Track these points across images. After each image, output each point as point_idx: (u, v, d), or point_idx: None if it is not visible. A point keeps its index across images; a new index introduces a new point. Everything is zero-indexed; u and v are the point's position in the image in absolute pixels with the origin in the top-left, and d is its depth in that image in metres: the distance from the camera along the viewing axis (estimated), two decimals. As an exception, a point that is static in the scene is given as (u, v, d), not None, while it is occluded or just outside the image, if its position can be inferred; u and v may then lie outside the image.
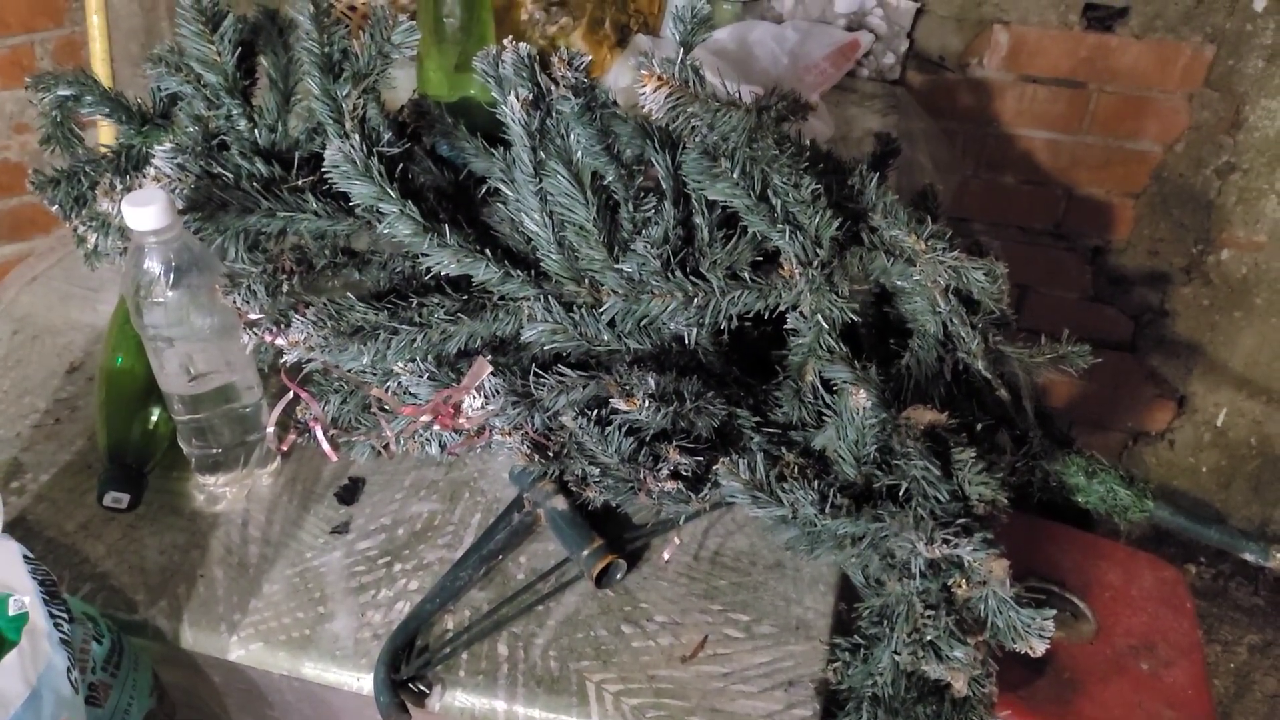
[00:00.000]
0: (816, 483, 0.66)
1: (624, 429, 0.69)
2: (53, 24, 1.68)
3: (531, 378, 0.71)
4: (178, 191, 0.74)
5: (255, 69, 0.90)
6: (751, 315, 0.78)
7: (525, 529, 0.79)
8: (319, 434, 0.82)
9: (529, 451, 0.70)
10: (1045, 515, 1.19)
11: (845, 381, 0.72)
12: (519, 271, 0.80)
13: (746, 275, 0.78)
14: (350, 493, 0.84)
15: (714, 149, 0.72)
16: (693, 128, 0.65)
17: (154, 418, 0.81)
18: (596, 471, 0.72)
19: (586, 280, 0.81)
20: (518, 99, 0.73)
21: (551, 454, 0.72)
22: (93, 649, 0.69)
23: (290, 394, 0.80)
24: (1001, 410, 0.87)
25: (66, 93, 0.87)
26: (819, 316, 0.78)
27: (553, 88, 0.71)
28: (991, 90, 1.59)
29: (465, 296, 0.81)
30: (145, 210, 0.70)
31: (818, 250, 0.77)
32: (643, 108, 0.63)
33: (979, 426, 0.85)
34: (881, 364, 0.85)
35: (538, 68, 0.72)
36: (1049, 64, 1.56)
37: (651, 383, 0.67)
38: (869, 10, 1.52)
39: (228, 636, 0.74)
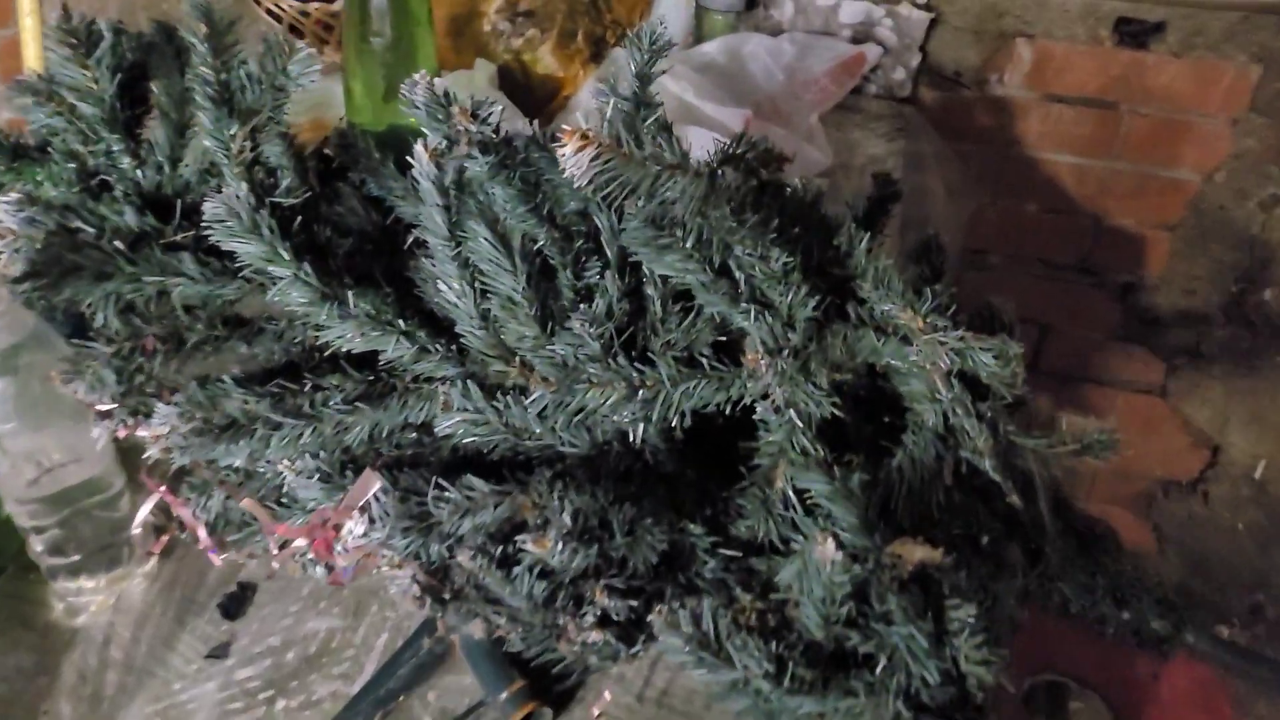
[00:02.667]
0: (775, 642, 0.53)
1: (535, 570, 0.56)
2: (-3, 25, 1.56)
3: (432, 493, 0.58)
4: (20, 253, 0.62)
5: (147, 95, 0.77)
6: (709, 408, 0.65)
7: (436, 660, 0.66)
8: (200, 535, 0.69)
9: (418, 594, 0.57)
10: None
11: (817, 508, 0.59)
12: (437, 346, 0.67)
13: (705, 361, 0.64)
14: (236, 603, 0.71)
15: (659, 217, 0.59)
16: (628, 196, 0.52)
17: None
18: (502, 620, 0.59)
19: (517, 359, 0.67)
20: (425, 149, 0.60)
21: (447, 596, 0.58)
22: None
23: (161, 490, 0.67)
24: (1012, 515, 0.74)
25: (-78, 123, 0.74)
26: (791, 412, 0.65)
27: (459, 144, 0.57)
28: (1012, 109, 1.45)
29: (372, 377, 0.68)
30: (-43, 282, 0.57)
31: (790, 334, 0.64)
32: (562, 171, 0.50)
33: (984, 540, 0.71)
34: (871, 454, 0.71)
35: (454, 110, 0.59)
36: (1076, 82, 1.41)
37: (567, 519, 0.54)
38: (877, 21, 1.38)
39: (67, 794, 0.62)
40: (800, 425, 0.65)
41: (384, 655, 0.68)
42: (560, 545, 0.53)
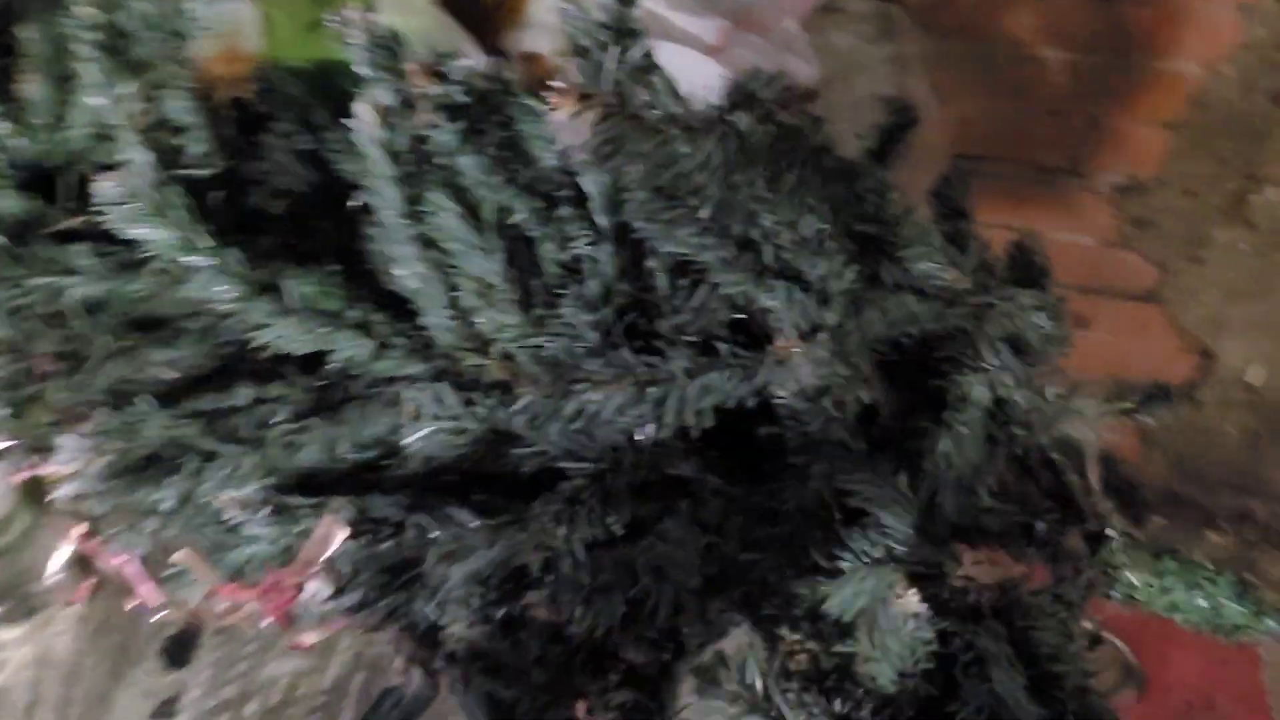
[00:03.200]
0: (839, 698, 0.44)
1: (546, 635, 0.46)
2: None
3: (409, 535, 0.47)
4: None
5: (13, 46, 0.62)
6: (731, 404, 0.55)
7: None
8: (134, 576, 0.58)
9: (402, 669, 0.47)
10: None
11: (863, 516, 0.50)
12: (399, 339, 0.56)
13: (724, 346, 0.54)
14: (181, 648, 0.61)
15: (671, 186, 0.47)
16: (639, 168, 0.41)
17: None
18: (508, 690, 0.49)
19: (496, 350, 0.57)
20: (371, 107, 0.47)
21: (439, 664, 0.48)
22: None
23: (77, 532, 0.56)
24: (1065, 495, 0.65)
25: None
26: (825, 401, 0.55)
27: (417, 109, 0.45)
28: (1004, 3, 1.33)
29: (323, 381, 0.57)
30: None
31: (825, 311, 0.53)
32: (556, 145, 0.38)
33: (1040, 528, 0.63)
34: (907, 437, 0.63)
35: (410, 67, 0.46)
36: (1073, -31, 1.30)
37: (584, 575, 0.44)
38: (858, -93, 1.24)
39: None
40: (836, 415, 0.55)
41: (361, 700, 0.59)
42: (578, 610, 0.43)
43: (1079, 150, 1.44)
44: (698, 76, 0.85)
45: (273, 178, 0.69)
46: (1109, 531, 0.64)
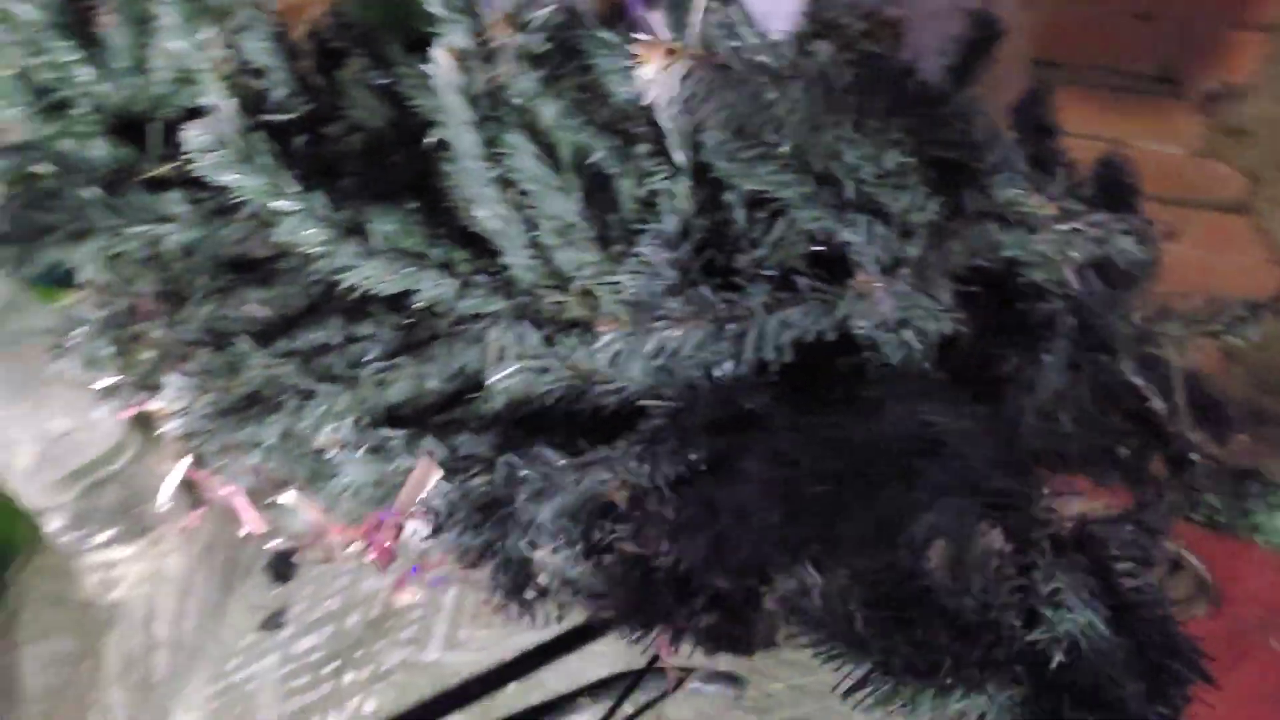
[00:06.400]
0: (919, 627, 0.45)
1: (630, 560, 0.48)
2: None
3: (500, 474, 0.49)
4: (-23, 212, 0.51)
5: (93, -13, 0.63)
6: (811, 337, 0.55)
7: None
8: (240, 506, 0.62)
9: (500, 600, 0.49)
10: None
11: (942, 446, 0.50)
12: (481, 277, 0.57)
13: (802, 280, 0.54)
14: (286, 564, 0.65)
15: (752, 126, 0.47)
16: (726, 114, 0.40)
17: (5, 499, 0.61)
18: (599, 614, 0.51)
19: (576, 287, 0.57)
20: (447, 52, 0.48)
21: (531, 595, 0.51)
22: None
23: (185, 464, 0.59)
24: (1149, 419, 0.65)
25: None
26: (908, 332, 0.55)
27: (497, 62, 0.45)
28: (1091, -100, 1.26)
29: (410, 320, 0.58)
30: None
31: (907, 245, 0.53)
32: (643, 99, 0.38)
33: (1122, 453, 0.63)
34: (987, 364, 0.63)
35: (491, 18, 0.46)
36: None
37: (669, 511, 0.45)
38: None
39: (133, 798, 0.57)
40: (918, 347, 0.55)
41: (453, 615, 0.62)
42: (665, 544, 0.44)
43: (1168, 56, 1.37)
44: (777, 3, 0.84)
45: (349, 114, 0.70)
46: (1192, 455, 0.63)
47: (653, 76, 0.37)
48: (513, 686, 0.48)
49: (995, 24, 0.73)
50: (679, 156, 0.53)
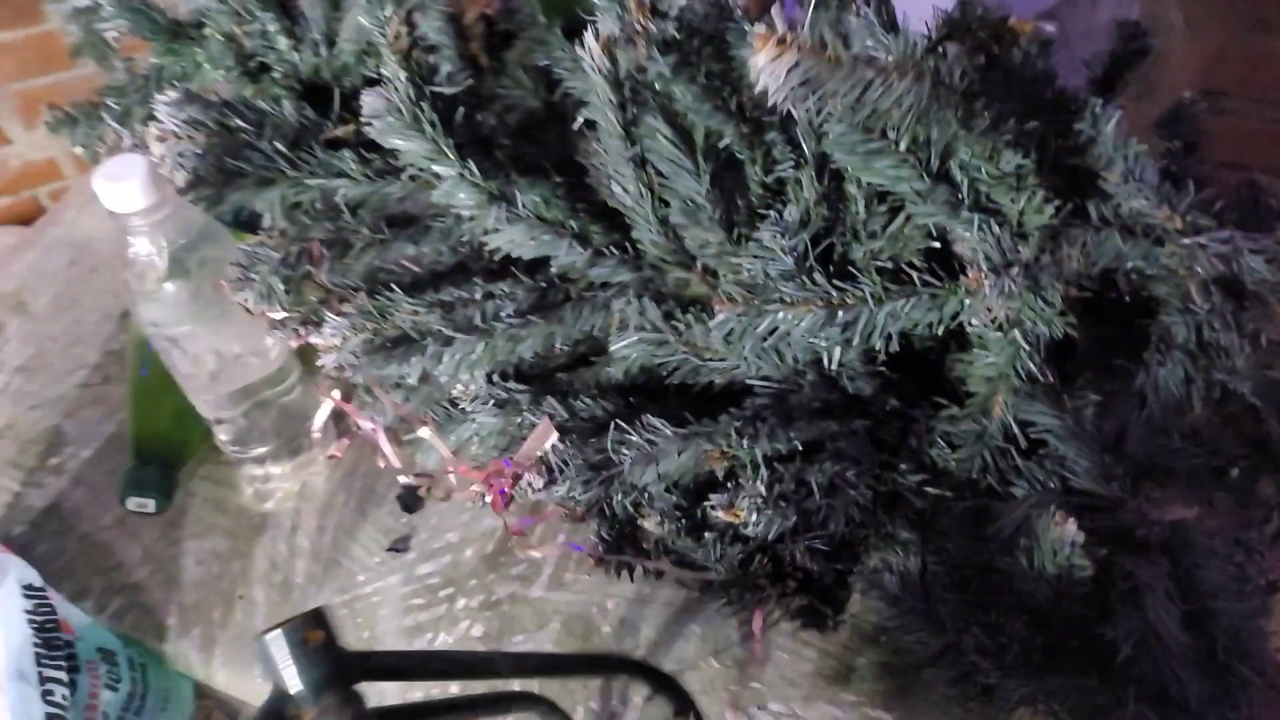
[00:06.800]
0: (993, 610, 0.47)
1: (727, 536, 0.51)
2: None
3: (612, 437, 0.53)
4: (184, 157, 0.59)
5: (296, -34, 0.71)
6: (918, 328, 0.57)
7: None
8: (381, 440, 0.68)
9: (600, 555, 0.53)
10: None
11: (1043, 446, 0.51)
12: (612, 249, 0.62)
13: (914, 275, 0.56)
14: (415, 496, 0.71)
15: (869, 120, 0.49)
16: (837, 105, 0.43)
17: (186, 407, 0.69)
18: (696, 586, 0.55)
19: (699, 265, 0.61)
20: (597, 38, 0.52)
21: (631, 553, 0.54)
22: (103, 698, 0.60)
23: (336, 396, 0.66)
24: (1265, 441, 0.64)
25: (82, 3, 0.71)
26: (1016, 331, 0.56)
27: (633, 45, 0.49)
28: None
29: (544, 283, 0.63)
30: (122, 187, 0.55)
31: (1020, 246, 0.54)
32: (756, 88, 0.41)
33: (1233, 473, 0.62)
34: (1104, 373, 0.63)
35: (630, 2, 0.50)
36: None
37: (761, 486, 0.48)
38: None
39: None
40: (1026, 348, 0.56)
41: (559, 559, 0.67)
42: (754, 515, 0.48)
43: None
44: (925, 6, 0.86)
45: (510, 92, 0.76)
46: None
47: (764, 65, 0.40)
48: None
49: (1143, 38, 0.73)
50: (806, 146, 0.56)
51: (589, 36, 0.52)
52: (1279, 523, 0.61)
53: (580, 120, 0.66)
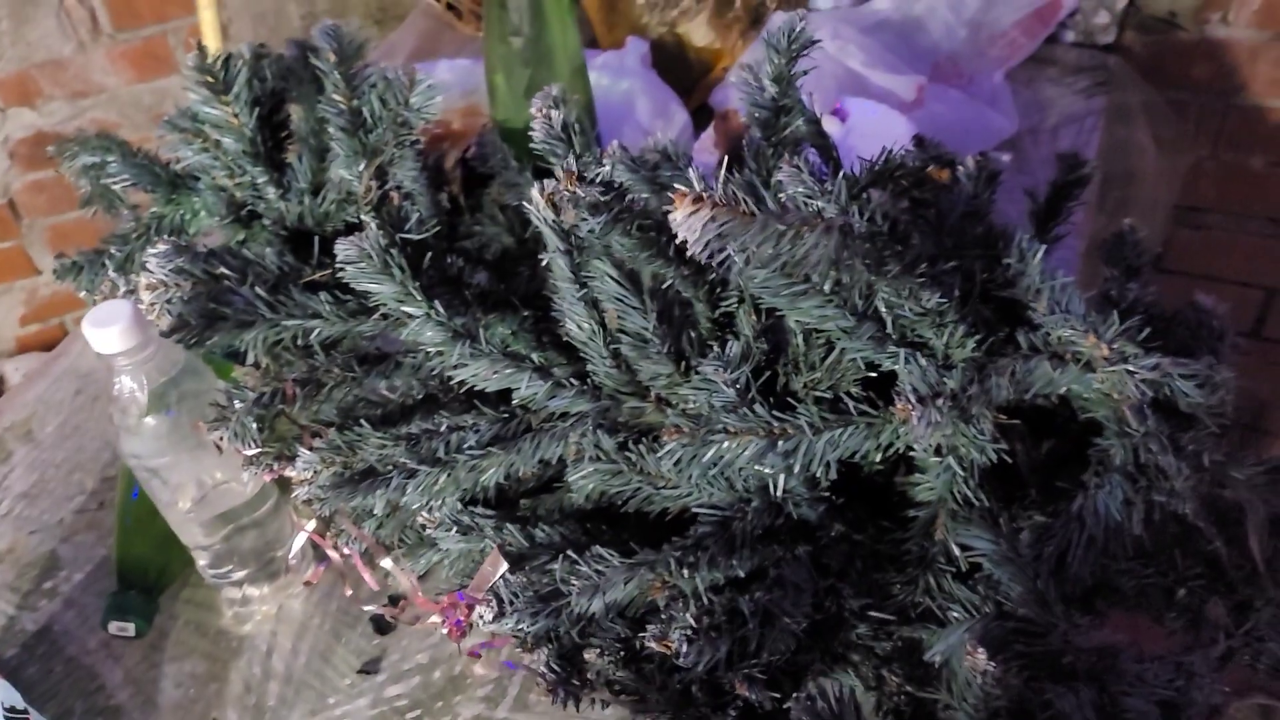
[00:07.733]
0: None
1: (665, 666, 0.53)
2: (185, 12, 1.63)
3: (561, 565, 0.55)
4: (171, 303, 0.63)
5: (288, 122, 0.77)
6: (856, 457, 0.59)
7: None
8: (357, 562, 0.71)
9: (550, 688, 0.55)
10: None
11: (979, 570, 0.53)
12: (571, 381, 0.65)
13: (851, 405, 0.59)
14: (385, 619, 0.73)
15: (789, 269, 0.53)
16: (754, 254, 0.47)
17: (171, 532, 0.72)
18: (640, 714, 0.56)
19: (652, 395, 0.64)
20: (541, 193, 0.56)
21: (577, 683, 0.56)
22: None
23: (310, 526, 0.69)
24: (1216, 559, 0.65)
25: (91, 160, 0.77)
26: (951, 459, 0.59)
27: (565, 207, 0.54)
28: (1237, 53, 1.26)
29: (506, 414, 0.67)
30: (108, 332, 0.60)
31: (946, 378, 0.57)
32: (678, 239, 0.45)
33: (1181, 593, 0.63)
34: (1046, 493, 0.65)
35: (560, 171, 0.55)
36: (1319, 13, 1.22)
37: (690, 618, 0.50)
38: (1077, -45, 1.23)
39: (233, 810, 0.65)
40: (961, 473, 0.59)
41: (524, 680, 0.68)
42: (684, 645, 0.49)
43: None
44: (890, 132, 0.91)
45: (486, 229, 0.81)
46: (1257, 603, 0.63)
47: (682, 221, 0.44)
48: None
49: (1083, 167, 0.77)
50: (744, 283, 0.59)
51: (534, 193, 0.56)
52: (1225, 645, 0.61)
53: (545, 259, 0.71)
